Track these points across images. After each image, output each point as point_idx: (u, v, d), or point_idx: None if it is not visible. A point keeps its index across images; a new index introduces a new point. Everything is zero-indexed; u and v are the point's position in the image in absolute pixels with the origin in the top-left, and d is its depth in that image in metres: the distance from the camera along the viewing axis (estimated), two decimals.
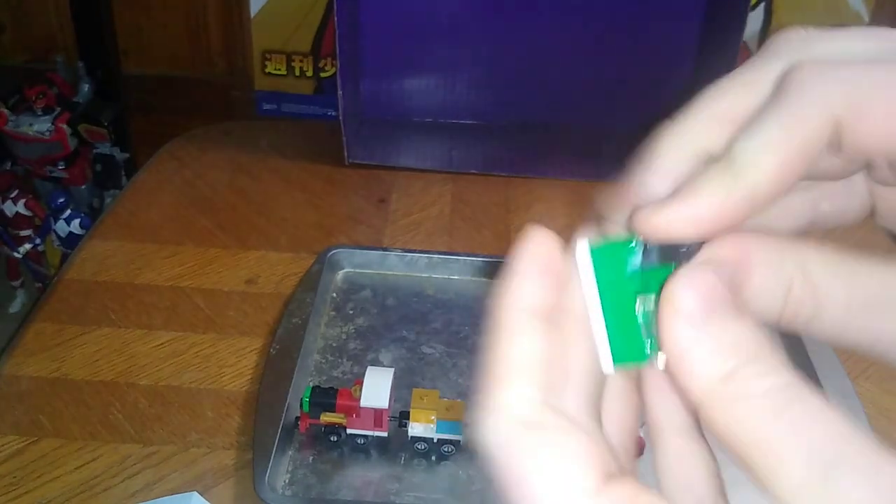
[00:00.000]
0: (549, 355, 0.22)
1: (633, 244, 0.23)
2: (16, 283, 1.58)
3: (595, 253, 0.23)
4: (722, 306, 0.21)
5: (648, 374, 0.25)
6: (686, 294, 0.21)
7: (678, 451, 0.24)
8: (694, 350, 0.20)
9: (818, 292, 0.23)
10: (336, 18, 0.86)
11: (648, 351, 0.23)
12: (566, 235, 0.23)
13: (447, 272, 0.77)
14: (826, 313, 0.23)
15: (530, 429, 0.21)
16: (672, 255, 0.23)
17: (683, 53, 1.02)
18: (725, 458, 0.24)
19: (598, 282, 0.23)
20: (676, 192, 0.23)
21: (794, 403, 0.19)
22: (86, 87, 1.52)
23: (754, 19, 1.20)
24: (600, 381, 0.23)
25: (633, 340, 0.23)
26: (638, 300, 0.23)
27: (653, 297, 0.23)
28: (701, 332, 0.21)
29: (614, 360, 0.23)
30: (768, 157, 0.22)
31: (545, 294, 0.22)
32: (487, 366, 0.22)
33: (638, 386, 0.25)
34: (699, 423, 0.24)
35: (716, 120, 0.23)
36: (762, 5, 1.19)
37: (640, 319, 0.23)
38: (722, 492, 0.24)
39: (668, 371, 0.21)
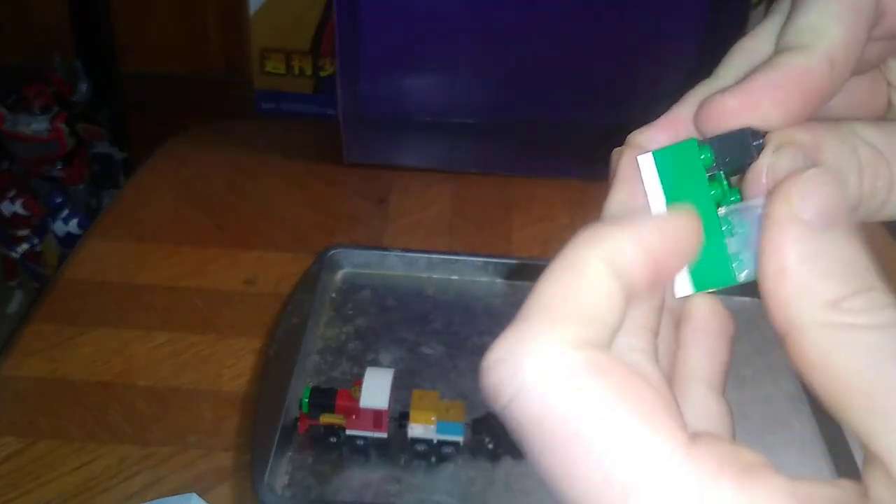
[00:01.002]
0: (618, 319, 0.18)
1: (700, 143, 0.20)
2: (13, 284, 1.58)
3: (660, 159, 0.20)
4: (845, 220, 0.18)
5: (692, 312, 0.22)
6: (808, 197, 0.18)
7: (702, 404, 0.22)
8: (806, 266, 0.18)
9: (886, 157, 0.21)
10: (336, 17, 0.86)
11: (737, 271, 0.20)
12: (566, 235, 0.21)
13: (447, 272, 0.77)
14: None
15: (600, 372, 0.17)
16: (740, 161, 0.20)
17: (684, 53, 1.02)
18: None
19: (665, 192, 0.20)
20: (752, 72, 0.20)
21: None
22: (84, 87, 1.51)
23: (756, 17, 1.19)
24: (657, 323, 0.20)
25: (717, 258, 0.20)
26: (720, 209, 0.20)
27: (739, 204, 0.20)
28: (818, 247, 0.18)
29: (695, 284, 0.20)
30: (833, 21, 0.20)
31: (642, 274, 0.19)
32: (538, 294, 0.18)
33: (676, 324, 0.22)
34: (725, 378, 0.22)
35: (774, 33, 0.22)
36: (763, 5, 1.18)
37: (725, 231, 0.20)
38: None
39: (762, 289, 0.18)
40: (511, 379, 0.17)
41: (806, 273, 0.18)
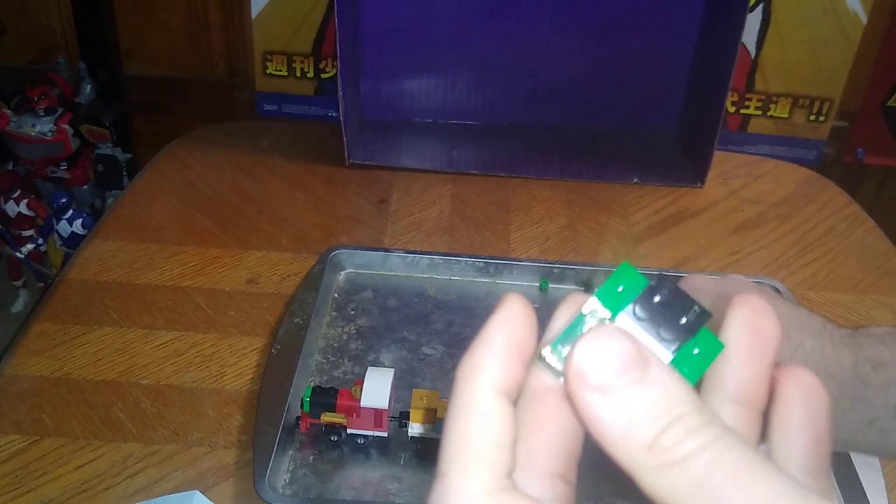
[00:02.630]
0: (512, 436, 0.21)
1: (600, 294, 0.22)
2: (18, 284, 1.58)
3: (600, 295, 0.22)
4: (633, 369, 0.19)
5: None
6: (593, 364, 0.19)
7: None
8: (613, 422, 0.19)
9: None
10: (337, 20, 0.87)
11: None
12: (566, 235, 0.21)
13: (448, 273, 0.78)
14: None
15: None
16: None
17: (682, 53, 1.02)
18: None
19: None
20: None
21: (715, 470, 0.18)
22: (87, 88, 1.52)
23: (753, 19, 1.20)
24: (574, 449, 0.22)
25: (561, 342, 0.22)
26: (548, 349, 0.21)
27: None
28: (615, 404, 0.19)
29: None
30: None
31: (513, 371, 0.21)
32: (448, 442, 0.21)
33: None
34: None
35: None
36: (762, 5, 1.19)
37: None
38: None
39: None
40: None
41: (615, 429, 0.19)
